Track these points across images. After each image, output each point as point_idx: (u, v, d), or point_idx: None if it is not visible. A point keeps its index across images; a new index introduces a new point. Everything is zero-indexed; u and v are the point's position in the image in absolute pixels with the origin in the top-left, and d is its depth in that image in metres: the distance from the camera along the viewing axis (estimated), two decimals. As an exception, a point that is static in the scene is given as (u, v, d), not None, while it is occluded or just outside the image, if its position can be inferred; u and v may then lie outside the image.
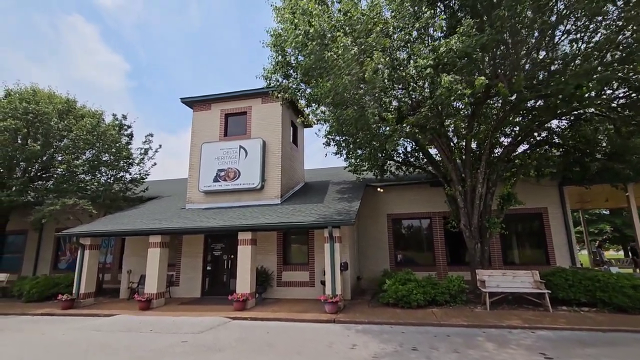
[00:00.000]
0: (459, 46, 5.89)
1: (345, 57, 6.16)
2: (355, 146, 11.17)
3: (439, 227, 13.26)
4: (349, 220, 9.07)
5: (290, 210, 10.77)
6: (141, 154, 15.82)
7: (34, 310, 10.08)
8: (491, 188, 10.77)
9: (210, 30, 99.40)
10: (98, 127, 14.05)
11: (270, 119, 12.65)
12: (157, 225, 10.66)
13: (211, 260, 12.27)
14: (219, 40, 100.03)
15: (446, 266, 12.79)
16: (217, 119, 13.16)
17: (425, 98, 7.96)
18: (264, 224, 9.53)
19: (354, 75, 6.36)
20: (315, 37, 6.62)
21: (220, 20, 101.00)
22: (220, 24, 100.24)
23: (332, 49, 6.42)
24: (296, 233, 11.90)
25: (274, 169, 12.21)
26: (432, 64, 6.07)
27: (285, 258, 11.77)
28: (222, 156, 12.46)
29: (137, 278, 12.13)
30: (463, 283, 9.50)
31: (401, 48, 7.11)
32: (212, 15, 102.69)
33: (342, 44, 6.16)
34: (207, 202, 12.43)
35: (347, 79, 6.33)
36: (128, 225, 11.00)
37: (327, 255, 9.20)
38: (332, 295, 8.72)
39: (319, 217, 9.61)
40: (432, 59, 6.10)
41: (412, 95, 7.74)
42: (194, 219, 10.95)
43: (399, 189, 13.90)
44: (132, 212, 13.04)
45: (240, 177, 12.13)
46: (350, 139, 11.62)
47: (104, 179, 14.43)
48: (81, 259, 10.85)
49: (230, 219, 10.37)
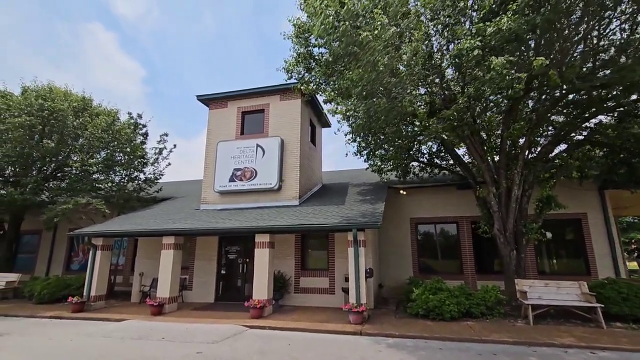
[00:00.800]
0: (510, 26, 5.20)
1: (383, 37, 5.54)
2: (379, 144, 10.46)
3: (466, 232, 12.42)
4: (375, 222, 8.39)
5: (309, 211, 10.15)
6: (155, 154, 15.50)
7: (43, 313, 9.68)
8: (527, 190, 9.94)
9: (225, 36, 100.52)
10: (113, 125, 13.78)
11: (288, 116, 12.11)
12: (171, 225, 10.18)
13: (225, 263, 11.72)
14: (233, 45, 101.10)
15: (475, 274, 11.93)
16: (233, 117, 12.70)
17: (461, 90, 7.28)
18: (282, 226, 8.92)
19: (390, 59, 5.73)
20: (347, 18, 6.03)
21: (235, 27, 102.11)
22: (235, 30, 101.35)
23: (366, 30, 5.81)
24: (315, 236, 11.26)
25: (292, 168, 11.64)
26: (480, 44, 5.39)
27: (303, 263, 11.12)
28: (238, 155, 11.96)
29: (149, 281, 11.67)
30: (499, 293, 8.67)
31: (439, 32, 6.44)
32: (226, 22, 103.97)
33: (379, 22, 5.54)
34: (223, 202, 11.92)
35: (383, 62, 5.70)
36: (141, 226, 10.56)
37: (351, 261, 8.52)
38: (356, 304, 8.02)
39: (341, 219, 8.95)
40: (479, 41, 5.42)
41: (448, 86, 7.03)
42: (208, 220, 10.43)
43: (423, 192, 13.14)
44: (145, 213, 12.63)
45: (257, 176, 11.59)
46: (373, 138, 10.99)
47: (118, 179, 14.11)
48: (93, 260, 10.44)
49: (247, 220, 9.80)
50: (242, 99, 12.77)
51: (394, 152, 10.22)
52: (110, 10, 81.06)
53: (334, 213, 9.65)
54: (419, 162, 12.57)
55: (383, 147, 11.11)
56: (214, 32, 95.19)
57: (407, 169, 12.59)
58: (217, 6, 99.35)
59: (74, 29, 72.87)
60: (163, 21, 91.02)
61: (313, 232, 10.12)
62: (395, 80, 6.24)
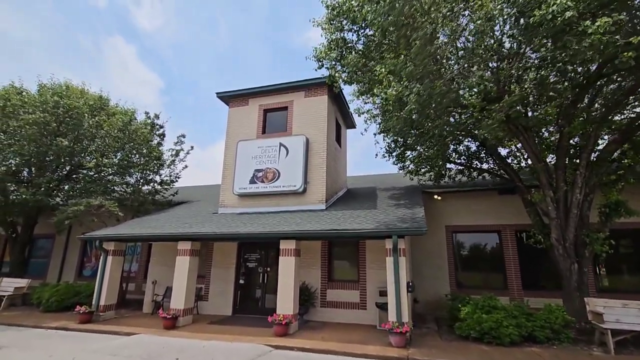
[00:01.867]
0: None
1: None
2: (417, 142, 9.37)
3: (510, 242, 11.13)
4: (419, 228, 7.30)
5: (339, 216, 9.12)
6: (172, 156, 14.83)
7: (49, 323, 8.90)
8: (588, 195, 8.69)
9: (239, 46, 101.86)
10: (129, 125, 13.19)
11: (314, 113, 11.21)
12: (187, 230, 9.33)
13: (244, 272, 10.77)
14: (248, 55, 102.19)
15: (521, 290, 10.59)
16: (254, 115, 11.89)
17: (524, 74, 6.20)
18: (312, 231, 7.92)
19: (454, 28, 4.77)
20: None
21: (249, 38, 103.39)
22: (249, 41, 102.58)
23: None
24: (343, 244, 10.21)
25: (318, 169, 10.68)
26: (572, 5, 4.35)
27: (330, 273, 10.06)
28: (259, 155, 11.09)
29: (162, 290, 10.80)
30: (566, 314, 7.39)
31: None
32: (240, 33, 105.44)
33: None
34: (242, 206, 11.03)
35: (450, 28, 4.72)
36: (155, 230, 9.74)
37: (390, 272, 7.43)
38: (398, 324, 6.90)
39: (378, 224, 7.89)
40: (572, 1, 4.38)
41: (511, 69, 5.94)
42: (228, 224, 9.53)
43: (459, 197, 11.96)
44: (161, 216, 11.85)
45: (279, 178, 10.68)
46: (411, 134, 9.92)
47: (133, 180, 13.44)
48: (103, 266, 9.65)
49: (270, 225, 8.85)
50: (264, 96, 11.97)
51: (436, 150, 9.08)
52: (131, 23, 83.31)
53: (368, 218, 8.60)
54: (455, 164, 11.45)
55: (418, 146, 10.02)
56: (228, 43, 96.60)
57: (442, 171, 11.50)
58: (231, 16, 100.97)
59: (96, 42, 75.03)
60: (180, 32, 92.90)
61: (346, 238, 9.05)
62: (458, 55, 5.25)
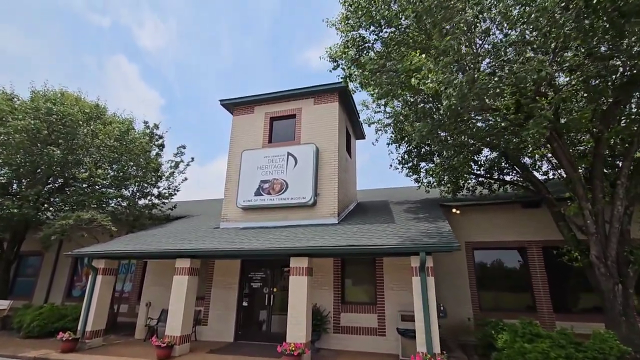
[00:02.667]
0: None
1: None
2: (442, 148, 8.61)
3: (537, 260, 10.25)
4: (449, 244, 6.45)
5: (354, 231, 8.27)
6: (171, 167, 14.05)
7: (27, 352, 7.86)
8: (628, 207, 7.92)
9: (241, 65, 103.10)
10: (127, 134, 12.45)
11: (324, 121, 10.53)
12: (186, 246, 8.43)
13: (248, 293, 9.80)
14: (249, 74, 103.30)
15: (552, 313, 9.65)
16: (260, 123, 11.20)
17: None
18: (327, 247, 7.05)
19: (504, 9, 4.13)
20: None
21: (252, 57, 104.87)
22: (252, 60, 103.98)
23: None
24: (357, 262, 9.31)
25: (329, 180, 9.89)
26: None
27: (343, 295, 9.11)
28: (266, 165, 10.33)
29: (157, 313, 9.79)
30: (619, 343, 6.46)
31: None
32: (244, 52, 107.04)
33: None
34: (247, 220, 10.17)
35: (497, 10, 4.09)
36: (151, 246, 8.83)
37: (417, 295, 6.53)
38: (429, 355, 5.96)
39: (402, 239, 7.04)
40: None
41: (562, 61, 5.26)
42: (230, 239, 8.65)
43: (479, 211, 11.15)
44: (157, 231, 10.95)
45: (287, 189, 9.87)
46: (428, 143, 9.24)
47: (129, 193, 12.59)
48: (92, 287, 8.69)
49: (278, 241, 7.98)
50: (270, 104, 11.32)
51: (462, 159, 8.29)
52: (134, 43, 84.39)
53: (388, 233, 7.75)
54: (475, 175, 10.70)
55: (442, 154, 9.27)
56: (230, 62, 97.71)
57: (460, 183, 10.76)
58: (234, 36, 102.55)
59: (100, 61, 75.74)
60: (182, 52, 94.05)
61: (365, 255, 8.18)
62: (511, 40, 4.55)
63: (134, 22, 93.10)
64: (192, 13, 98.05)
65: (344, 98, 10.98)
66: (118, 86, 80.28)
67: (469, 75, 4.90)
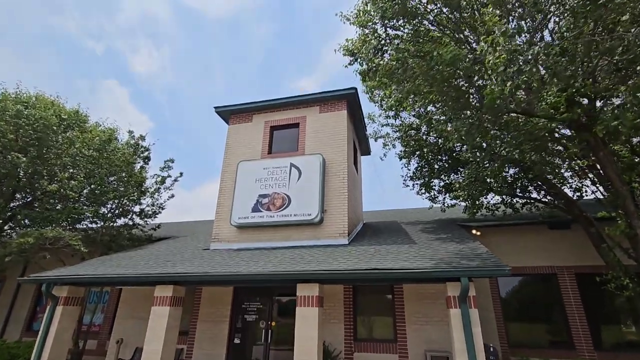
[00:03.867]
0: None
1: None
2: (489, 150, 7.48)
3: (570, 288, 9.09)
4: (498, 267, 5.25)
5: (370, 252, 7.00)
6: (157, 183, 12.68)
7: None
8: (683, 228, 6.93)
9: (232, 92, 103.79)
10: (108, 144, 11.16)
11: (331, 130, 9.50)
12: (170, 269, 7.00)
13: (241, 328, 8.28)
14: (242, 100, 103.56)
15: (593, 351, 8.38)
16: (259, 133, 10.10)
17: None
18: (345, 272, 5.74)
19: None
20: None
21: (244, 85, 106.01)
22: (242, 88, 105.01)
23: None
24: (371, 290, 7.99)
25: (337, 195, 8.71)
26: None
27: (356, 330, 7.69)
28: (265, 178, 9.13)
29: (130, 352, 8.13)
30: None
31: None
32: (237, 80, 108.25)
33: None
34: (241, 240, 8.80)
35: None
36: (127, 269, 7.34)
37: (458, 332, 5.23)
38: (482, 413, 4.60)
39: (434, 261, 5.81)
40: None
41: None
42: (224, 262, 7.26)
43: (500, 232, 10.06)
44: (136, 253, 9.44)
45: (290, 205, 8.63)
46: (469, 143, 8.19)
47: (106, 209, 11.10)
48: (48, 320, 7.07)
49: (281, 263, 6.64)
50: (271, 112, 10.29)
51: (497, 168, 7.20)
52: (126, 68, 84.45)
53: (414, 255, 6.51)
54: (496, 192, 9.68)
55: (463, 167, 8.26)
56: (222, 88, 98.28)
57: (478, 201, 9.74)
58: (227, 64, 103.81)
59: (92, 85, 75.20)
60: (175, 78, 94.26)
61: (390, 281, 6.88)
62: None
63: (128, 48, 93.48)
64: (186, 41, 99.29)
65: (353, 107, 10.04)
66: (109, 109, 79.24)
67: (547, 46, 3.95)
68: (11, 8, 60.97)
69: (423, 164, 11.06)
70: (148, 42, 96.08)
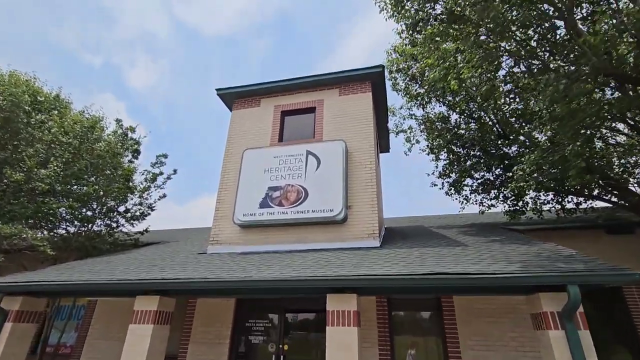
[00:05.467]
0: None
1: None
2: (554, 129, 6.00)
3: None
4: (620, 273, 3.77)
5: (415, 255, 5.44)
6: (147, 180, 11.09)
7: None
8: None
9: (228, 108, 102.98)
10: (91, 132, 9.61)
11: (354, 115, 8.08)
12: (156, 275, 5.37)
13: (245, 353, 6.59)
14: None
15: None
16: (268, 119, 8.66)
17: None
18: (399, 276, 4.17)
19: None
20: None
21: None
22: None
23: None
24: (412, 305, 6.39)
25: (364, 189, 7.21)
26: None
27: (394, 356, 6.04)
28: (276, 167, 7.62)
29: (101, 384, 6.37)
30: None
31: None
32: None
33: None
34: (246, 242, 7.20)
35: None
36: (100, 275, 5.68)
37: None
38: None
39: (519, 264, 4.29)
40: None
41: None
42: (226, 267, 5.66)
43: (546, 237, 8.55)
44: (116, 258, 7.75)
45: (307, 199, 7.09)
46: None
47: (86, 207, 9.44)
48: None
49: (303, 267, 5.06)
50: (282, 95, 8.88)
51: (580, 145, 5.70)
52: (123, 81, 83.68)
53: (476, 257, 4.99)
54: (549, 191, 8.27)
55: (527, 149, 6.84)
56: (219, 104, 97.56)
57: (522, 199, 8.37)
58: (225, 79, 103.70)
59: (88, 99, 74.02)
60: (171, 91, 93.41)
61: (465, 293, 5.22)
62: None
63: (125, 61, 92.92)
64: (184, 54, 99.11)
65: (377, 91, 8.67)
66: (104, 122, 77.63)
67: None
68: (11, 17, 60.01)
69: (453, 159, 9.69)
70: (146, 56, 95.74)
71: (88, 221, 9.45)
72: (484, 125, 8.94)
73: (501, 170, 8.98)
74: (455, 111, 9.58)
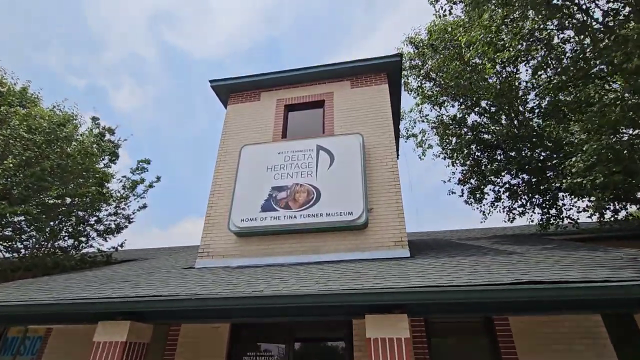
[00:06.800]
0: None
1: None
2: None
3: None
4: None
5: (464, 266, 4.28)
6: (125, 188, 9.71)
7: None
8: None
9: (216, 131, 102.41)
10: (60, 129, 8.27)
11: (370, 109, 7.09)
12: (128, 292, 3.99)
13: (241, 396, 5.12)
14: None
15: None
16: (270, 114, 7.57)
17: None
18: (479, 287, 2.98)
19: None
20: None
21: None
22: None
23: None
24: (454, 329, 5.13)
25: (387, 189, 6.08)
26: None
27: (438, 398, 4.71)
28: (281, 164, 6.45)
29: None
30: None
31: None
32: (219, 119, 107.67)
33: None
34: (244, 253, 5.87)
35: None
36: (53, 294, 4.24)
37: None
38: None
39: (614, 270, 3.18)
40: None
41: None
42: (221, 282, 4.33)
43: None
44: (80, 275, 6.25)
45: (319, 201, 5.89)
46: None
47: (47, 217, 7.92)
48: None
49: (325, 280, 3.80)
50: (286, 88, 7.86)
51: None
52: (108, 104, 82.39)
53: (545, 265, 3.85)
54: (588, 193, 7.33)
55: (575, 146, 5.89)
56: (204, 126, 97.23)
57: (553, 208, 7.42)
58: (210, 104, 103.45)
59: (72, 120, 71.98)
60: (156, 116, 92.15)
61: (567, 309, 3.86)
62: None
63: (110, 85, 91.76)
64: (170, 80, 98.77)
65: (393, 86, 7.75)
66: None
67: None
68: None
69: (472, 163, 8.75)
70: (131, 80, 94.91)
71: (51, 233, 7.92)
72: (510, 125, 8.09)
73: (529, 174, 8.06)
74: (475, 111, 8.74)
